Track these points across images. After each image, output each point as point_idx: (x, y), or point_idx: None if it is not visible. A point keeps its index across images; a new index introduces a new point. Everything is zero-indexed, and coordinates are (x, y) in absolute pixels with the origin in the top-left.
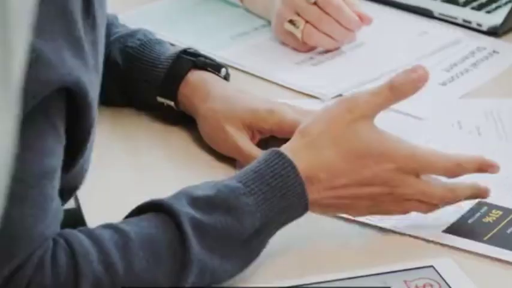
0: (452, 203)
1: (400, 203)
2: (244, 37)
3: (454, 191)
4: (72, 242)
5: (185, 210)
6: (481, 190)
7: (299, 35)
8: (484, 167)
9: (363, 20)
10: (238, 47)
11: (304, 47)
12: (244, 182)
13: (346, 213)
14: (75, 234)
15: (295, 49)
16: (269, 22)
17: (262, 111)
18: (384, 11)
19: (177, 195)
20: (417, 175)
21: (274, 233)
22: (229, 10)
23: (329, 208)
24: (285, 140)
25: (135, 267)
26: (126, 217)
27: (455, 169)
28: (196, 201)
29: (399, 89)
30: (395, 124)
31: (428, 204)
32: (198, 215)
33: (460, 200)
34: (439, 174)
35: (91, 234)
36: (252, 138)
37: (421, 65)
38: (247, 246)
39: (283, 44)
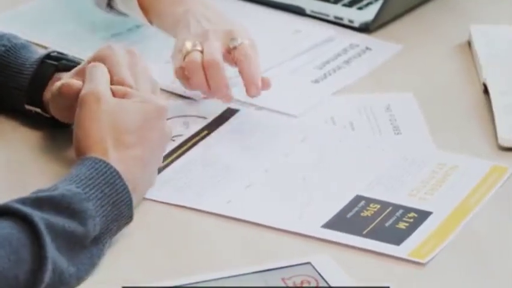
0: None
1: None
2: (118, 38)
3: None
4: None
5: (35, 211)
6: None
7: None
8: None
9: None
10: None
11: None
12: (83, 188)
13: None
14: None
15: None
16: (142, 23)
17: None
18: (257, 10)
19: (22, 199)
20: None
21: (109, 242)
22: (103, 11)
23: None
24: None
25: None
26: None
27: None
28: (41, 202)
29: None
30: (269, 122)
31: None
32: (46, 215)
33: None
34: None
35: None
36: None
37: None
38: (88, 252)
39: (156, 44)
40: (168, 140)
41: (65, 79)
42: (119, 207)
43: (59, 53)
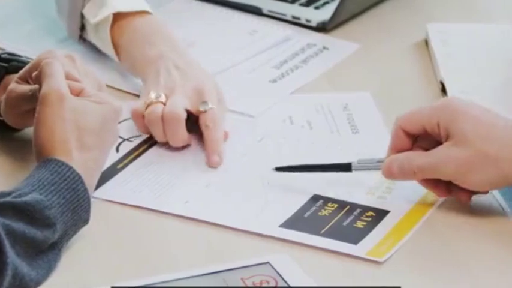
0: None
1: None
2: (72, 40)
3: None
4: None
5: None
6: None
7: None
8: None
9: None
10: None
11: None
12: (45, 195)
13: None
14: None
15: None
16: None
17: None
18: (214, 10)
19: None
20: None
21: (65, 246)
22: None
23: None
24: None
25: None
26: None
27: None
28: (1, 207)
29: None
30: (227, 122)
31: None
32: (7, 221)
33: None
34: None
35: None
36: None
37: None
38: (45, 256)
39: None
40: (116, 142)
41: (11, 86)
42: (78, 213)
43: (9, 54)
